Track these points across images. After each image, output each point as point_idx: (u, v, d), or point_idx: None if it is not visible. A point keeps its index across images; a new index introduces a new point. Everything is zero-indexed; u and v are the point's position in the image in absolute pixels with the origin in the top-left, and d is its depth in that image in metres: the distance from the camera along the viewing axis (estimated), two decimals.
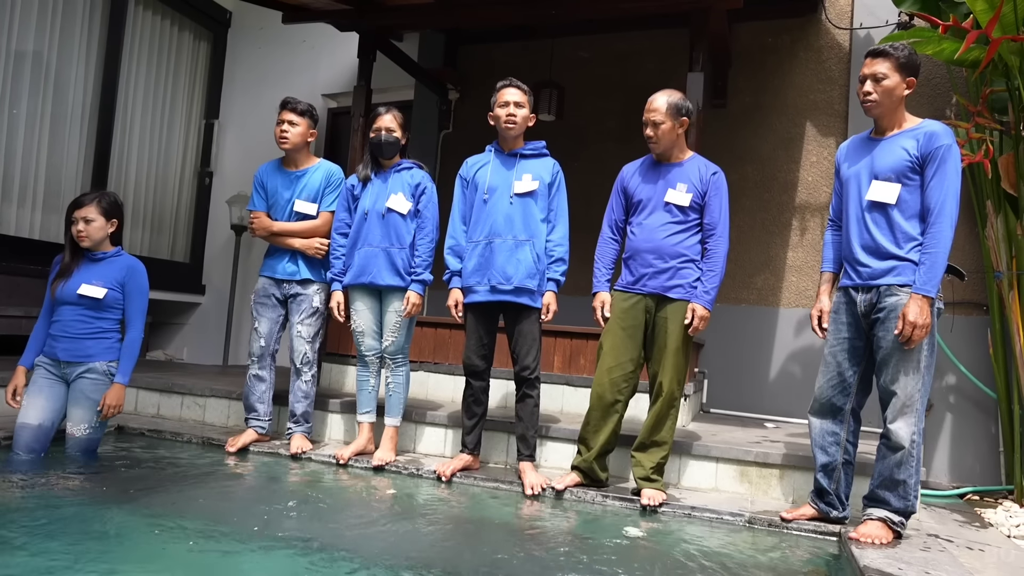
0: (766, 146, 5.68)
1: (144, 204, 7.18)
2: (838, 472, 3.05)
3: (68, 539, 2.35)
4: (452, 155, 6.71)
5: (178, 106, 7.49)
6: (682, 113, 3.38)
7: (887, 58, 2.87)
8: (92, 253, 3.61)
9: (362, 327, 3.81)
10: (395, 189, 3.76)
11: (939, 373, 4.99)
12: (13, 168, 5.91)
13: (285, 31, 7.17)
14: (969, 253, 5.03)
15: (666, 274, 3.30)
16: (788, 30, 5.70)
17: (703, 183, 3.33)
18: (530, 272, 3.43)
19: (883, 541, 2.81)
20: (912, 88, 2.91)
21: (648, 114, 3.38)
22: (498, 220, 3.48)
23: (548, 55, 6.15)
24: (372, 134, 3.79)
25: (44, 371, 3.58)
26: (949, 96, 5.11)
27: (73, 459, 3.48)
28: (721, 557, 2.70)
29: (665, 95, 3.39)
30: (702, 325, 3.27)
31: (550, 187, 3.55)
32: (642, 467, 3.34)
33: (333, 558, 2.37)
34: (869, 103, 2.93)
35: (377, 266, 3.70)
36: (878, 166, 2.92)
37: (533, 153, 3.64)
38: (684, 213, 3.32)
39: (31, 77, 6.01)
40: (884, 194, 2.87)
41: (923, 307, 2.75)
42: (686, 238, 3.33)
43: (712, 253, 3.30)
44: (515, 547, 2.66)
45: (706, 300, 3.26)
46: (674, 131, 3.38)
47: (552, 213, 3.55)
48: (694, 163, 3.41)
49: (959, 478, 4.89)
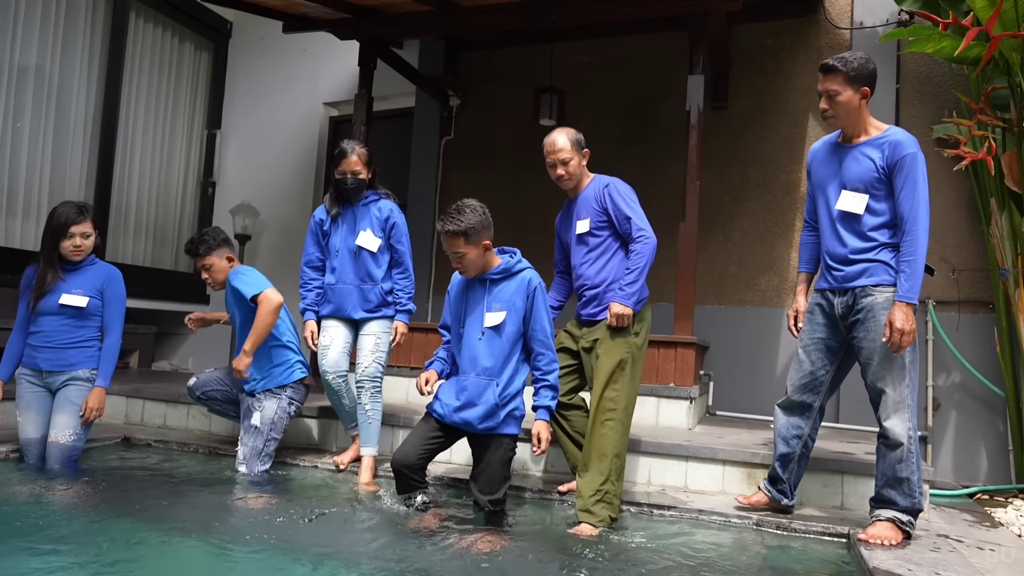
0: (768, 147, 5.68)
1: (147, 214, 7.20)
2: (794, 464, 3.16)
3: (94, 549, 2.36)
4: (454, 162, 6.73)
5: (180, 117, 7.52)
6: (583, 145, 3.39)
7: (837, 73, 2.91)
8: (71, 263, 3.59)
9: (328, 341, 3.70)
10: (364, 225, 3.70)
11: (945, 372, 4.98)
12: (17, 181, 5.94)
13: (285, 41, 7.19)
14: (973, 251, 5.01)
15: (594, 302, 3.33)
16: (788, 31, 5.70)
17: (599, 202, 3.31)
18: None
19: (893, 542, 2.80)
20: (868, 96, 2.95)
21: (552, 156, 3.35)
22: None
23: (548, 60, 6.16)
24: (338, 175, 3.67)
25: (28, 384, 3.59)
26: (950, 94, 5.11)
27: (90, 470, 3.49)
28: (731, 560, 2.69)
29: (562, 132, 3.37)
30: (617, 322, 3.15)
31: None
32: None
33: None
34: (828, 118, 3.01)
35: (352, 303, 3.68)
36: (846, 176, 2.98)
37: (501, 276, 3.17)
38: (592, 238, 3.33)
39: (34, 91, 6.05)
40: (853, 204, 2.94)
41: (908, 314, 2.79)
42: (605, 263, 3.32)
43: (633, 255, 3.22)
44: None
45: (621, 296, 3.17)
46: (580, 165, 3.39)
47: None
48: (590, 188, 3.39)
49: (968, 477, 4.86)
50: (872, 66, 2.93)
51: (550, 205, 6.40)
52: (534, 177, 6.32)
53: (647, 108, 6.05)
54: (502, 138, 6.56)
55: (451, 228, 2.97)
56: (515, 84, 6.46)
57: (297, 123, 7.69)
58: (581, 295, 3.40)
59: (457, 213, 2.99)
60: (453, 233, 2.98)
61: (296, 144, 7.67)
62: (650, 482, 3.71)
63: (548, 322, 3.14)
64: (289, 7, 5.12)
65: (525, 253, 3.23)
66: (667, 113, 5.89)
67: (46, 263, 3.54)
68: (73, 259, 3.56)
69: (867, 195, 2.92)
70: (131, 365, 6.64)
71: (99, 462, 3.77)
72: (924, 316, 5.03)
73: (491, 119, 6.63)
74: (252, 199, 7.41)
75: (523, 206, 6.30)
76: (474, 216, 2.99)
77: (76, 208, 3.55)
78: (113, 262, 6.34)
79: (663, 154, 5.84)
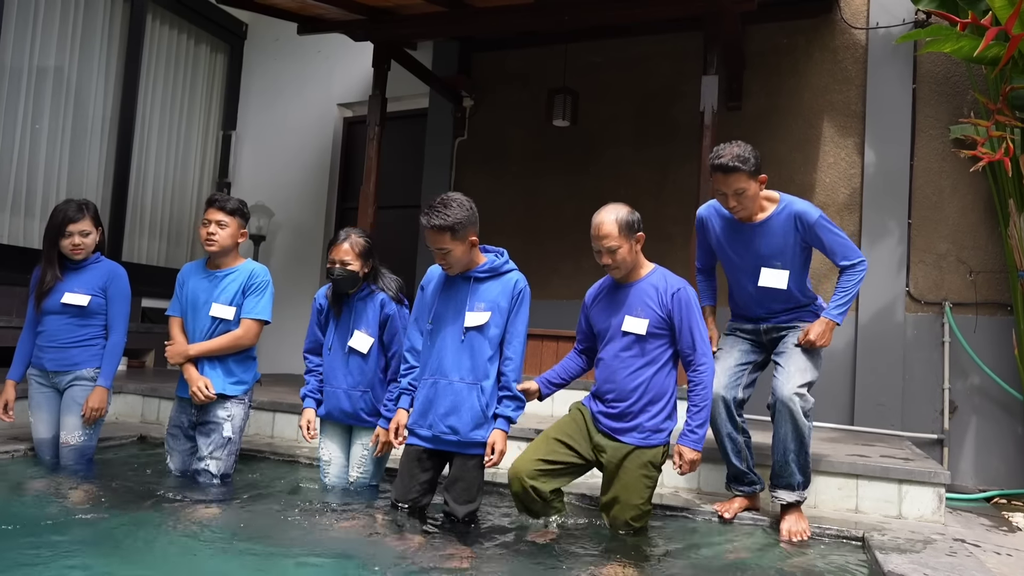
0: (782, 148, 5.64)
1: (162, 215, 7.27)
2: (745, 451, 3.22)
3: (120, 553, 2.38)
4: (467, 163, 6.73)
5: (195, 118, 7.59)
6: (635, 229, 2.93)
7: (738, 172, 3.03)
8: (74, 262, 3.57)
9: (328, 457, 3.45)
10: (358, 323, 3.35)
11: (963, 374, 4.93)
12: (36, 182, 6.01)
13: (300, 42, 7.24)
14: (991, 252, 4.96)
15: (626, 419, 2.95)
16: (803, 31, 5.67)
17: (663, 307, 2.93)
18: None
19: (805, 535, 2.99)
20: (764, 183, 3.12)
21: (598, 242, 2.91)
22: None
23: (562, 61, 6.16)
24: (328, 264, 3.33)
25: (36, 384, 3.60)
26: (967, 94, 5.06)
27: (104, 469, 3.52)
28: (745, 563, 2.67)
29: (611, 213, 2.90)
30: (690, 469, 2.89)
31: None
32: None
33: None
34: (739, 213, 3.13)
35: (340, 409, 3.36)
36: (763, 254, 3.16)
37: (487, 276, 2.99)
38: (643, 343, 2.93)
39: (52, 92, 6.11)
40: (776, 280, 3.16)
41: (827, 330, 3.04)
42: (651, 376, 2.93)
43: (700, 388, 2.90)
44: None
45: (692, 440, 2.87)
46: (633, 251, 2.95)
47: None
48: (651, 282, 2.99)
49: (985, 481, 4.81)
50: (759, 155, 3.09)
51: (564, 207, 6.42)
52: (548, 178, 6.33)
53: (661, 109, 6.03)
54: (515, 139, 6.56)
55: (437, 223, 2.75)
56: (529, 85, 6.46)
57: (311, 124, 7.73)
58: (604, 397, 2.98)
59: (443, 207, 2.77)
60: (439, 228, 2.76)
61: (310, 145, 7.71)
62: (662, 483, 3.69)
63: (526, 329, 2.96)
64: (304, 8, 5.15)
65: (537, 256, 3.17)
66: (681, 114, 5.87)
67: (46, 262, 3.52)
68: (73, 257, 3.52)
69: (787, 271, 3.13)
70: (147, 364, 6.69)
71: (114, 461, 3.80)
72: (940, 318, 4.99)
73: (504, 120, 6.63)
74: (267, 200, 7.46)
75: (536, 208, 6.29)
76: (461, 211, 2.79)
77: (75, 206, 3.50)
78: (128, 262, 6.44)
79: (676, 155, 5.82)
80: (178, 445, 3.51)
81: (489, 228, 5.03)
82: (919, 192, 5.21)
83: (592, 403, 3.04)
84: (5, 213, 5.82)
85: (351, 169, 7.69)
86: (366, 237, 3.35)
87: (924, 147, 5.24)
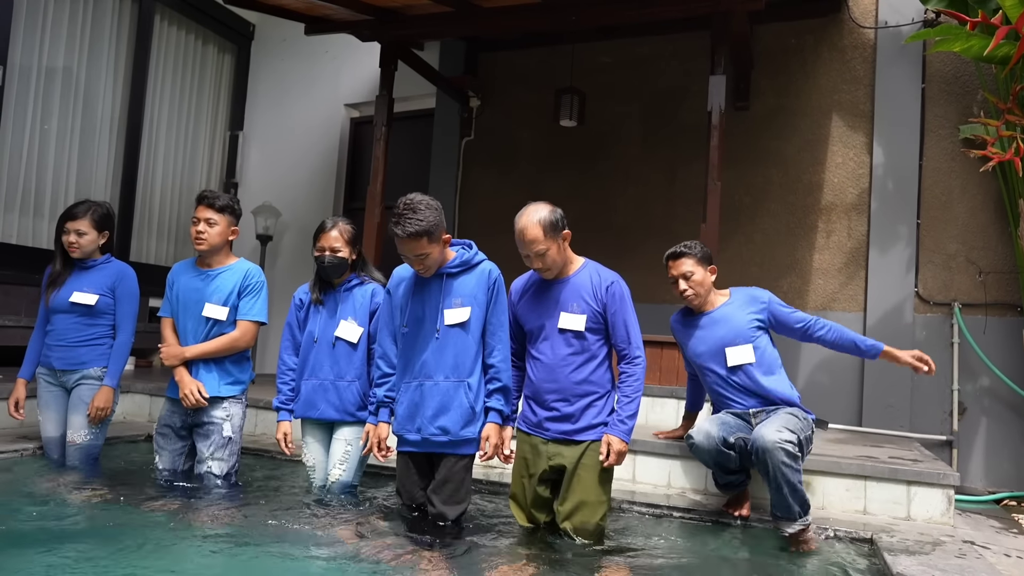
0: (790, 148, 5.63)
1: (170, 215, 7.29)
2: (736, 459, 3.12)
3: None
4: (474, 163, 6.73)
5: (203, 118, 7.61)
6: (560, 227, 2.86)
7: (688, 256, 3.25)
8: (83, 261, 3.61)
9: (312, 462, 3.35)
10: (345, 313, 3.27)
11: (972, 376, 4.90)
12: (45, 182, 6.04)
13: (307, 43, 7.24)
14: (1001, 253, 4.93)
15: (571, 419, 2.88)
16: (811, 30, 5.65)
17: (598, 300, 2.88)
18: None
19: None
20: (715, 273, 3.31)
21: (526, 248, 2.83)
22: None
23: (569, 61, 6.15)
24: (316, 253, 3.26)
25: (45, 383, 3.62)
26: (977, 93, 5.03)
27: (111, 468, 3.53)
28: (755, 564, 2.66)
29: (534, 216, 2.82)
30: (616, 460, 2.81)
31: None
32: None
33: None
34: (691, 298, 3.28)
35: (325, 401, 3.24)
36: (729, 339, 3.25)
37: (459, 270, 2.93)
38: (580, 340, 2.86)
39: (61, 93, 6.14)
40: (742, 356, 3.22)
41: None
42: (592, 371, 2.88)
43: (631, 379, 2.86)
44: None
45: (621, 431, 2.81)
46: (560, 250, 2.88)
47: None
48: (583, 276, 2.94)
49: (994, 483, 4.78)
50: (709, 250, 3.35)
51: (572, 208, 6.36)
52: (554, 178, 6.32)
53: (668, 108, 6.02)
54: (522, 139, 6.56)
55: (412, 230, 2.66)
56: (535, 85, 6.45)
57: (319, 124, 7.74)
58: (545, 399, 2.88)
59: (412, 212, 2.68)
60: (415, 235, 2.67)
61: (318, 145, 7.72)
62: (670, 484, 3.68)
63: (507, 317, 2.93)
64: (311, 9, 5.16)
65: None
66: (688, 113, 5.86)
67: (55, 256, 3.60)
68: (72, 256, 3.57)
69: (749, 343, 3.22)
70: (154, 364, 6.71)
71: (122, 459, 3.82)
72: (950, 319, 4.96)
73: (511, 120, 6.63)
74: (274, 200, 7.47)
75: None
76: (431, 212, 2.71)
77: (82, 206, 3.57)
78: (136, 262, 6.46)
79: (684, 154, 5.81)
80: (168, 444, 3.45)
81: (496, 228, 5.05)
82: (928, 192, 5.19)
83: (531, 410, 2.93)
84: (14, 213, 5.85)
85: (358, 169, 7.70)
86: (352, 224, 3.32)
87: (933, 147, 5.21)
